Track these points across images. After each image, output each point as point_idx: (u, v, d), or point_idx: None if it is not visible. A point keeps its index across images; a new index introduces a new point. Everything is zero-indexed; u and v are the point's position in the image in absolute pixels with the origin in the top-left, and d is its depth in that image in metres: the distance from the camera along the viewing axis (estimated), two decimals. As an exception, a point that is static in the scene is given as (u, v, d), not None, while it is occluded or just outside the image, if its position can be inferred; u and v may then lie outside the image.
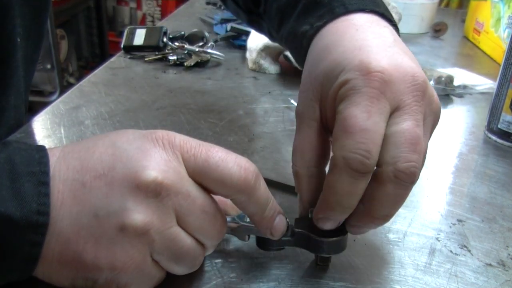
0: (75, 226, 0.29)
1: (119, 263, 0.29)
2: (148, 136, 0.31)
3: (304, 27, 0.39)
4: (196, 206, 0.31)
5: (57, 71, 2.15)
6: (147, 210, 0.29)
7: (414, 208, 0.46)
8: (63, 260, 0.30)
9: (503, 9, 0.93)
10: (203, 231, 0.32)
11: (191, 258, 0.32)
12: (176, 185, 0.30)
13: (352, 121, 0.30)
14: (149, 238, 0.29)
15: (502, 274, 0.38)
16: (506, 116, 0.60)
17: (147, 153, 0.30)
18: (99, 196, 0.29)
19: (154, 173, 0.29)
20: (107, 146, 0.31)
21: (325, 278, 0.37)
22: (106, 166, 0.30)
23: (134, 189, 0.29)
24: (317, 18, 0.38)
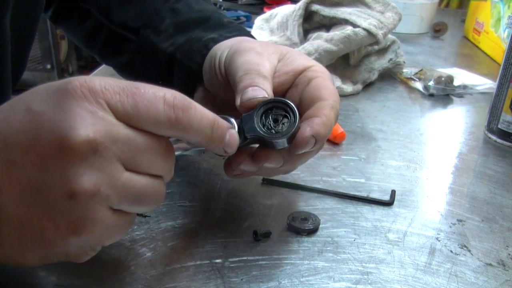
0: (22, 208, 0.28)
1: (82, 228, 0.28)
2: (64, 88, 0.29)
3: (212, 35, 0.47)
4: (139, 145, 0.29)
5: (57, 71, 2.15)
6: (90, 170, 0.28)
7: (414, 208, 0.46)
8: (24, 243, 0.29)
9: (503, 9, 0.93)
10: (154, 166, 0.30)
11: (153, 195, 0.31)
12: (111, 134, 0.28)
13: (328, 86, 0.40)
14: (103, 195, 0.28)
15: (502, 274, 0.38)
16: (506, 116, 0.60)
17: (69, 110, 0.28)
18: (35, 171, 0.28)
19: (83, 131, 0.27)
20: (23, 112, 0.28)
21: (325, 278, 0.37)
22: (31, 135, 0.28)
23: (68, 153, 0.27)
24: (226, 32, 0.47)
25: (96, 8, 0.54)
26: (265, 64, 0.39)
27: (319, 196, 0.47)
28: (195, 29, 0.49)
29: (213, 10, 0.52)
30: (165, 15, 0.51)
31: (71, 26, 0.59)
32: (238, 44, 0.42)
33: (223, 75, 0.42)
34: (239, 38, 0.46)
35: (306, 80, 0.40)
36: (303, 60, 0.42)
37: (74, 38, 0.61)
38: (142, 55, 0.52)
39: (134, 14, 0.52)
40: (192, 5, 0.52)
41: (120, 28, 0.53)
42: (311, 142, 0.36)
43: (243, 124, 0.36)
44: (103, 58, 0.60)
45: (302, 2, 0.78)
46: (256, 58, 0.39)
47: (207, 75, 0.45)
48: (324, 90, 0.39)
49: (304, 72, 0.41)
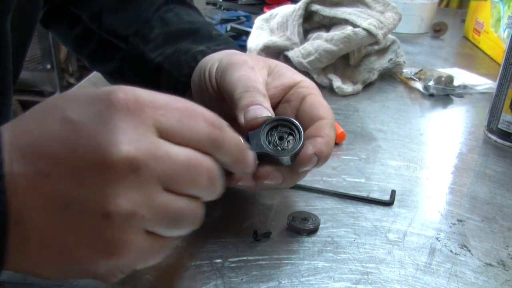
0: (47, 222, 0.26)
1: (112, 251, 0.27)
2: (106, 98, 0.27)
3: (200, 48, 0.47)
4: (179, 164, 0.28)
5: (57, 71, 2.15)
6: (129, 190, 0.26)
7: (414, 208, 0.46)
8: (51, 260, 0.27)
9: (503, 9, 0.93)
10: (194, 186, 0.29)
11: (190, 217, 0.29)
12: (152, 151, 0.27)
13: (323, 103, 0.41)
14: (138, 217, 0.27)
15: (502, 274, 0.38)
16: (506, 116, 0.60)
17: (110, 123, 0.26)
18: (68, 187, 0.26)
19: (125, 147, 0.26)
20: (60, 122, 0.27)
21: (325, 278, 0.37)
22: (67, 147, 0.26)
23: (107, 170, 0.26)
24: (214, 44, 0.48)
25: (87, 14, 0.55)
26: (259, 79, 0.40)
27: (319, 196, 0.47)
28: (184, 40, 0.50)
29: (202, 22, 0.52)
30: (154, 24, 0.52)
31: (61, 30, 0.59)
32: (229, 57, 0.42)
33: (214, 87, 0.42)
34: (228, 51, 0.46)
35: (300, 97, 0.41)
36: (292, 75, 0.42)
37: (64, 42, 0.62)
38: (130, 63, 0.52)
39: (125, 22, 0.53)
40: (182, 16, 0.53)
41: (110, 35, 0.53)
42: (313, 160, 0.37)
43: (250, 141, 0.37)
44: (92, 64, 0.60)
45: (302, 2, 0.78)
46: (251, 73, 0.40)
47: (195, 86, 0.45)
48: (321, 108, 0.40)
49: (295, 87, 0.42)
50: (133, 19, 0.52)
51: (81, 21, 0.55)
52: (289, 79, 0.42)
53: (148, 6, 0.53)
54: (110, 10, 0.53)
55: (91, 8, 0.54)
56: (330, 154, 0.39)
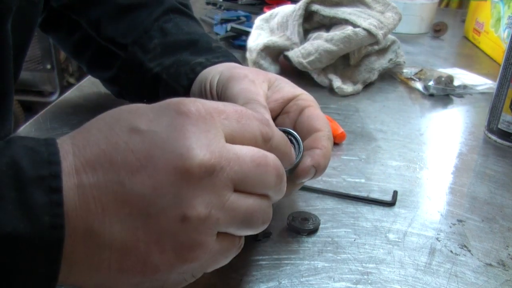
0: (129, 230, 0.26)
1: (188, 254, 0.27)
2: (176, 107, 0.28)
3: (199, 60, 0.48)
4: (248, 163, 0.29)
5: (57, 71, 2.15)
6: (204, 192, 0.27)
7: (414, 208, 0.46)
8: (124, 268, 0.27)
9: (503, 9, 0.93)
10: (262, 184, 0.30)
11: (260, 215, 0.30)
12: (224, 154, 0.28)
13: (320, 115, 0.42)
14: (213, 219, 0.27)
15: (502, 274, 0.38)
16: (506, 116, 0.60)
17: (183, 130, 0.27)
18: (145, 192, 0.26)
19: (200, 152, 0.27)
20: (129, 132, 0.27)
21: (325, 278, 0.37)
22: (141, 155, 0.26)
23: (184, 174, 0.26)
24: (213, 57, 0.48)
25: (86, 21, 0.55)
26: (260, 92, 0.40)
27: (319, 196, 0.47)
28: (183, 51, 0.50)
29: (201, 34, 0.53)
30: (154, 34, 0.52)
31: (60, 36, 0.60)
32: (230, 70, 0.42)
33: (216, 100, 0.42)
34: (229, 64, 0.46)
35: (299, 109, 0.41)
36: (291, 88, 0.43)
37: (63, 48, 0.62)
38: (128, 71, 0.52)
39: (124, 30, 0.53)
40: (181, 26, 0.53)
41: (109, 43, 0.53)
42: (311, 172, 0.38)
43: None
44: (91, 70, 0.60)
45: (302, 2, 0.78)
46: (252, 86, 0.40)
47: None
48: (318, 120, 0.40)
49: (294, 100, 0.42)
50: (132, 28, 0.53)
51: (80, 27, 0.55)
52: (288, 92, 0.42)
53: (148, 16, 0.53)
54: (109, 17, 0.54)
55: (90, 15, 0.54)
56: (327, 166, 0.39)
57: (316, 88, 0.75)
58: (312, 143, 0.39)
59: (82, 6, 0.55)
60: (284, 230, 0.42)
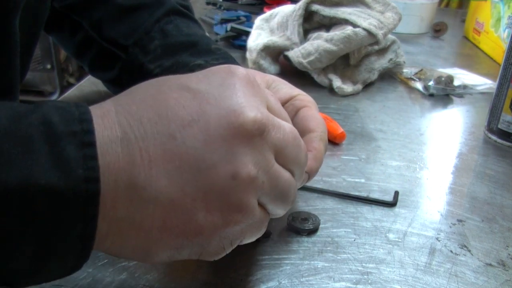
0: (176, 184, 0.25)
1: (234, 215, 0.27)
2: (225, 70, 0.29)
3: (198, 61, 0.48)
4: (288, 136, 0.29)
5: (57, 71, 2.15)
6: (255, 151, 0.27)
7: (414, 208, 0.46)
8: (167, 226, 0.26)
9: (503, 9, 0.93)
10: (297, 160, 0.30)
11: (292, 193, 0.31)
12: (271, 119, 0.28)
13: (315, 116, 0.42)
14: (260, 181, 0.27)
15: (502, 274, 0.38)
16: (506, 116, 0.60)
17: (234, 89, 0.27)
18: (197, 146, 0.26)
19: (253, 110, 0.27)
20: (179, 90, 0.27)
21: (325, 278, 0.37)
22: (193, 110, 0.26)
23: (237, 130, 0.26)
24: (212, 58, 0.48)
25: (87, 22, 0.55)
26: None
27: (319, 196, 0.47)
28: (183, 53, 0.50)
29: (201, 35, 0.53)
30: (154, 35, 0.52)
31: (62, 37, 0.60)
32: None
33: None
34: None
35: (294, 109, 0.41)
36: (289, 89, 0.43)
37: (65, 48, 0.62)
38: (129, 73, 0.53)
39: (125, 31, 0.53)
40: (182, 28, 0.53)
41: (110, 44, 0.53)
42: (304, 177, 0.37)
43: None
44: (92, 71, 0.60)
45: (302, 2, 0.78)
46: None
47: None
48: (312, 121, 0.40)
49: (291, 101, 0.42)
50: (133, 29, 0.53)
51: (82, 28, 0.55)
52: (285, 93, 0.42)
53: (148, 17, 0.53)
54: (110, 19, 0.54)
55: (91, 16, 0.54)
56: (319, 168, 0.39)
57: (316, 88, 0.75)
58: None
59: (84, 7, 0.55)
60: (284, 230, 0.42)
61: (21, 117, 0.24)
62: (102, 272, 0.36)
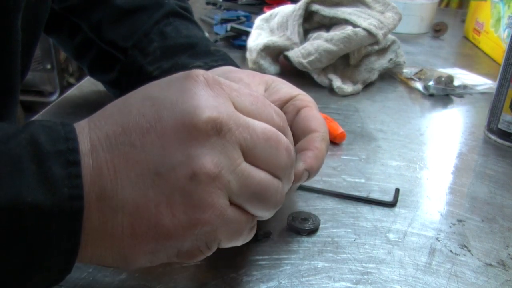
0: (139, 191, 0.26)
1: (199, 215, 0.27)
2: (185, 75, 0.29)
3: (197, 63, 0.48)
4: (259, 135, 0.29)
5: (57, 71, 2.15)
6: (213, 150, 0.27)
7: (414, 208, 0.46)
8: (137, 233, 0.27)
9: (503, 9, 0.93)
10: (272, 161, 0.30)
11: (272, 193, 0.30)
12: (233, 118, 0.28)
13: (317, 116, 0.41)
14: (223, 180, 0.27)
15: (502, 274, 0.38)
16: (506, 116, 0.60)
17: (191, 92, 0.28)
18: (155, 152, 0.27)
19: (207, 110, 0.27)
20: (142, 100, 0.28)
21: (325, 278, 0.37)
22: (151, 118, 0.27)
23: (191, 133, 0.27)
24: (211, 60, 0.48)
25: (87, 24, 0.55)
26: None
27: (319, 196, 0.47)
28: (182, 55, 0.50)
29: (200, 37, 0.53)
30: (153, 37, 0.52)
31: (62, 38, 0.60)
32: (225, 75, 0.42)
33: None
34: (225, 68, 0.46)
35: (295, 109, 0.41)
36: (289, 89, 0.43)
37: (64, 50, 0.62)
38: (128, 75, 0.53)
39: (124, 33, 0.53)
40: (181, 30, 0.53)
41: (109, 47, 0.53)
42: (305, 176, 0.37)
43: None
44: (92, 72, 0.60)
45: (302, 2, 0.78)
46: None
47: None
48: (313, 121, 0.40)
49: (291, 101, 0.42)
50: (132, 31, 0.53)
51: (81, 30, 0.55)
52: (285, 93, 0.42)
53: (148, 19, 0.53)
54: (110, 21, 0.54)
55: (91, 18, 0.55)
56: (320, 167, 0.39)
57: (316, 88, 0.75)
58: (306, 144, 0.39)
59: (83, 9, 0.55)
60: (284, 230, 0.42)
61: (10, 137, 0.26)
62: (102, 272, 0.36)
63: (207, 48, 0.51)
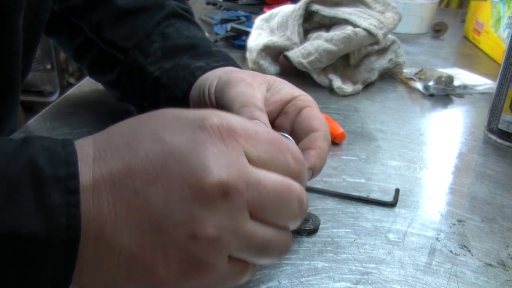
0: (137, 240, 0.26)
1: (194, 273, 0.27)
2: (200, 123, 0.28)
3: (199, 64, 0.48)
4: (269, 191, 0.28)
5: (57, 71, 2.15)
6: (216, 214, 0.26)
7: (414, 208, 0.46)
8: (131, 277, 0.27)
9: (503, 9, 0.93)
10: (281, 214, 0.29)
11: (277, 246, 0.29)
12: (243, 177, 0.27)
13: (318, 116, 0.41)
14: (224, 242, 0.27)
15: (502, 274, 0.38)
16: (506, 116, 0.60)
17: (203, 147, 0.27)
18: (158, 205, 0.26)
19: (217, 172, 0.26)
20: (152, 141, 0.27)
21: (325, 278, 0.37)
22: (158, 166, 0.26)
23: (197, 193, 0.26)
24: (213, 61, 0.48)
25: (87, 25, 0.55)
26: (257, 95, 0.40)
27: (319, 196, 0.47)
28: (183, 55, 0.50)
29: (201, 38, 0.53)
30: (154, 38, 0.52)
31: (62, 39, 0.60)
32: (227, 74, 0.42)
33: (214, 105, 0.42)
34: (227, 69, 0.46)
35: (297, 109, 0.41)
36: (290, 89, 0.43)
37: (64, 51, 0.62)
38: (129, 75, 0.52)
39: (125, 34, 0.53)
40: (182, 31, 0.53)
41: (110, 47, 0.53)
42: (308, 175, 0.37)
43: None
44: (92, 73, 0.60)
45: (302, 2, 0.78)
46: (249, 89, 0.40)
47: (195, 104, 0.45)
48: (315, 121, 0.40)
49: (293, 101, 0.42)
50: (133, 32, 0.53)
51: (81, 31, 0.55)
52: (287, 94, 0.42)
53: (149, 20, 0.53)
54: (110, 22, 0.54)
55: (91, 19, 0.54)
56: (323, 166, 0.39)
57: (316, 88, 0.75)
58: (308, 144, 0.39)
59: (84, 9, 0.55)
60: (284, 230, 0.42)
61: (8, 160, 0.25)
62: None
63: (208, 49, 0.51)
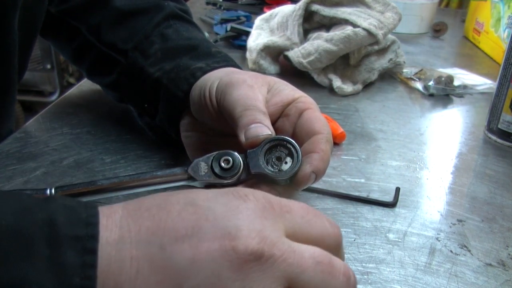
0: None
1: None
2: (233, 192, 0.28)
3: (199, 64, 0.47)
4: (307, 259, 0.26)
5: (57, 71, 2.15)
6: (247, 279, 0.25)
7: (414, 208, 0.46)
8: None
9: (503, 9, 0.93)
10: (325, 285, 0.27)
11: None
12: (278, 244, 0.26)
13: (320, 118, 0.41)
14: None
15: (502, 274, 0.38)
16: (506, 116, 0.60)
17: (237, 211, 0.26)
18: (183, 263, 0.25)
19: (250, 234, 0.25)
20: (185, 204, 0.27)
21: (325, 278, 0.37)
22: (189, 225, 0.26)
23: (228, 253, 0.25)
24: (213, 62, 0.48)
25: (86, 27, 0.55)
26: (259, 97, 0.40)
27: (319, 196, 0.47)
28: (183, 56, 0.50)
29: (201, 39, 0.53)
30: (154, 39, 0.52)
31: (59, 42, 0.60)
32: (228, 76, 0.42)
33: (215, 107, 0.42)
34: (228, 70, 0.46)
35: (298, 112, 0.41)
36: (291, 91, 0.43)
37: (62, 53, 0.62)
38: (129, 76, 0.52)
39: (124, 36, 0.53)
40: (182, 32, 0.53)
41: (109, 49, 0.53)
42: (312, 178, 0.38)
43: (248, 160, 0.38)
44: (91, 76, 0.60)
45: (302, 2, 0.78)
46: (250, 91, 0.40)
47: (195, 105, 0.45)
48: (317, 123, 0.40)
49: (293, 103, 0.42)
50: (132, 34, 0.53)
51: (79, 33, 0.55)
52: (287, 95, 0.42)
53: (148, 21, 0.53)
54: (109, 23, 0.54)
55: (90, 21, 0.54)
56: (326, 169, 0.39)
57: (316, 88, 0.75)
58: (311, 147, 0.39)
59: (82, 12, 0.55)
60: (284, 230, 0.42)
61: (26, 214, 0.24)
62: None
63: (208, 50, 0.51)
